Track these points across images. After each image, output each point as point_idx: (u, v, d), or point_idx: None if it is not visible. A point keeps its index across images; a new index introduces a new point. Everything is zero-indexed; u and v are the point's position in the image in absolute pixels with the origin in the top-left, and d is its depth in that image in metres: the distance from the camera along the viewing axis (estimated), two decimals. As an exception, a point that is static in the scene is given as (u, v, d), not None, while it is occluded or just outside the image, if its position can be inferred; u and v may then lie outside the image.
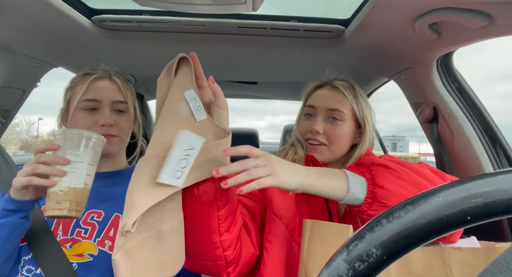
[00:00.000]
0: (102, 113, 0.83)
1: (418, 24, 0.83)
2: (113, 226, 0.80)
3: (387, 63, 1.20)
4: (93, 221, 0.79)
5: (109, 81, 0.86)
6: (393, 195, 0.59)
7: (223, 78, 1.71)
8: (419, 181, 0.62)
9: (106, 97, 0.84)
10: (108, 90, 0.85)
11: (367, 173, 0.65)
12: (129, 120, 0.88)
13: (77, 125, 0.82)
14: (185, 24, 1.00)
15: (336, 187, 0.63)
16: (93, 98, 0.83)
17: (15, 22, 0.93)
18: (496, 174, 0.25)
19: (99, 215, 0.80)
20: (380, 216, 0.27)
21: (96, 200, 0.81)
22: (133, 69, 1.50)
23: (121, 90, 0.86)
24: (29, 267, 0.74)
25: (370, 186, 0.62)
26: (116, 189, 0.85)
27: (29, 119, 45.00)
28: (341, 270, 0.26)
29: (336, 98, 0.84)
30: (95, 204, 0.81)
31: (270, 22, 1.00)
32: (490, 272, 0.21)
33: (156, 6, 0.81)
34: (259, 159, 0.60)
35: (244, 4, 0.75)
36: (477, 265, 0.54)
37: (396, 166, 0.64)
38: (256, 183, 0.57)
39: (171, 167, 0.58)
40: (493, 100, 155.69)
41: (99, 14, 0.99)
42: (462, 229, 0.26)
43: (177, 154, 0.58)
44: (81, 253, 0.75)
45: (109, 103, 0.84)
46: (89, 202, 0.77)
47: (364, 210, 0.62)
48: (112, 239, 0.78)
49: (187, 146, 0.59)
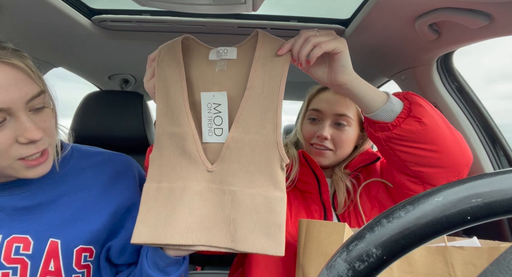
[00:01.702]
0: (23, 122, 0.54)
1: (418, 24, 0.83)
2: (52, 257, 0.59)
3: (387, 63, 1.20)
4: (20, 256, 0.58)
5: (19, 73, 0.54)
6: (427, 114, 0.61)
7: (223, 78, 1.71)
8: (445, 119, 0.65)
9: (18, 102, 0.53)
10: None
11: (403, 99, 0.66)
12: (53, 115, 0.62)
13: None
14: (185, 24, 1.00)
15: (377, 94, 0.63)
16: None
17: (15, 22, 0.93)
18: (496, 174, 0.25)
19: (26, 244, 0.58)
20: (380, 216, 0.27)
21: (13, 219, 0.59)
22: (133, 69, 1.50)
23: (34, 80, 0.56)
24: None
25: (407, 103, 0.63)
26: (43, 199, 0.61)
27: (29, 119, 44.92)
28: (341, 270, 0.26)
29: (342, 103, 0.83)
30: (12, 226, 0.58)
31: (270, 22, 1.00)
32: (490, 272, 0.21)
33: (156, 6, 0.80)
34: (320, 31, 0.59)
35: (244, 4, 0.75)
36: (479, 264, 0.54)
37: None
38: (319, 47, 0.56)
39: (208, 127, 0.60)
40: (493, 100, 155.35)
41: (99, 14, 0.99)
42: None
43: (208, 114, 0.60)
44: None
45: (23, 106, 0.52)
46: (5, 225, 0.58)
47: (396, 124, 0.62)
48: (55, 273, 0.59)
49: (213, 104, 0.60)
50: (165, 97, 0.61)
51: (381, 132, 0.64)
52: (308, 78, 0.96)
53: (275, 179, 0.57)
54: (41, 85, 0.57)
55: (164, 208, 0.57)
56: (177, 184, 0.58)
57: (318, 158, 0.83)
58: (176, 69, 0.62)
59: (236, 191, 0.57)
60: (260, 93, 0.58)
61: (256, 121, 0.58)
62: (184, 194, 0.57)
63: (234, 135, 0.58)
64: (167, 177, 0.59)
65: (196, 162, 0.59)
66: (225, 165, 0.58)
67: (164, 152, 0.60)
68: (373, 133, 0.66)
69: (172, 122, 0.60)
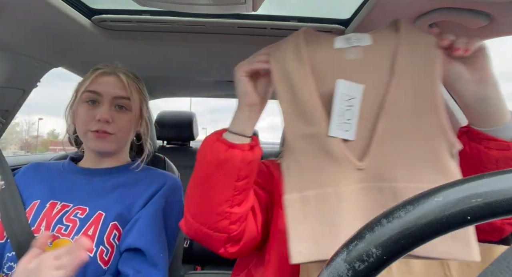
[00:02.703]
0: (101, 107, 0.82)
1: (418, 24, 0.83)
2: (94, 224, 0.77)
3: (387, 63, 1.20)
4: (75, 217, 0.78)
5: (114, 77, 0.86)
6: None
7: (223, 78, 1.71)
8: None
9: (107, 91, 0.83)
10: (111, 85, 0.84)
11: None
12: (130, 119, 0.85)
13: (78, 117, 0.83)
14: (185, 24, 1.00)
15: (504, 108, 0.57)
16: (94, 90, 0.83)
17: (15, 22, 0.93)
18: (496, 174, 0.25)
19: (83, 211, 0.79)
20: (380, 216, 0.27)
21: (85, 196, 0.81)
22: (133, 69, 1.49)
23: (124, 87, 0.84)
24: (10, 265, 0.73)
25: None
26: (107, 185, 0.84)
27: (29, 119, 45.06)
28: (341, 270, 0.26)
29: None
30: (83, 200, 0.80)
31: (270, 22, 1.00)
32: (490, 272, 0.21)
33: (156, 6, 0.81)
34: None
35: (244, 4, 0.75)
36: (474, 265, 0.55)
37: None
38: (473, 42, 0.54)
39: (337, 119, 0.54)
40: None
41: (99, 14, 0.99)
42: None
43: (339, 105, 0.54)
44: None
45: (109, 98, 0.83)
46: (78, 198, 0.81)
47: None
48: (90, 237, 0.75)
49: (346, 96, 0.55)
50: (291, 96, 0.56)
51: (498, 150, 0.57)
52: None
53: (445, 169, 0.50)
54: (129, 93, 0.84)
55: (320, 220, 0.51)
56: (326, 190, 0.52)
57: None
58: (298, 64, 0.57)
59: (399, 187, 0.50)
60: (411, 76, 0.53)
61: (411, 107, 0.52)
62: (340, 200, 0.51)
63: (385, 125, 0.52)
64: (311, 183, 0.53)
65: (341, 162, 0.53)
66: (378, 160, 0.52)
67: (300, 157, 0.55)
68: (485, 150, 0.58)
69: (304, 122, 0.56)
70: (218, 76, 1.66)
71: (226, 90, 2.08)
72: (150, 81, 1.77)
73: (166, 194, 0.86)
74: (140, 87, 0.91)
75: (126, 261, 0.78)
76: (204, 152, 0.61)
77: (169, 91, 2.16)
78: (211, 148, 0.60)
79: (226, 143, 0.59)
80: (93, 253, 0.74)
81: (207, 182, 0.61)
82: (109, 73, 0.86)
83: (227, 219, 0.61)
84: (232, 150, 0.59)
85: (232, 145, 0.59)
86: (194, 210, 0.63)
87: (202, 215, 0.62)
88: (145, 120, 0.92)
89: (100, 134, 0.81)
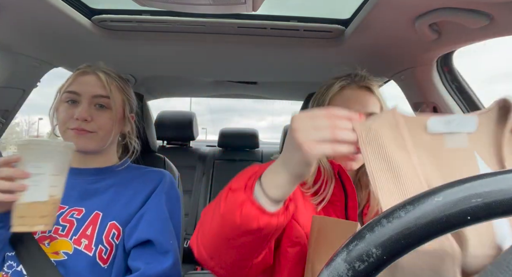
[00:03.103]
0: (79, 106, 0.81)
1: (418, 24, 0.83)
2: (92, 224, 0.78)
3: (387, 63, 1.20)
4: (72, 218, 0.78)
5: (93, 76, 0.85)
6: None
7: (223, 78, 1.72)
8: None
9: (86, 91, 0.82)
10: (89, 84, 0.84)
11: None
12: (111, 117, 0.84)
13: (59, 116, 0.83)
14: (185, 24, 1.00)
15: None
16: (73, 90, 0.83)
17: (15, 22, 0.93)
18: (496, 174, 0.25)
19: (79, 212, 0.79)
20: (380, 216, 0.27)
21: (80, 197, 0.81)
22: (133, 69, 1.50)
23: (103, 85, 0.84)
24: (10, 263, 0.74)
25: None
26: (100, 186, 0.84)
27: (29, 119, 45.06)
28: (341, 270, 0.26)
29: (372, 100, 0.76)
30: (78, 201, 0.81)
31: (270, 22, 1.00)
32: (490, 272, 0.21)
33: (156, 6, 0.81)
34: None
35: (244, 4, 0.75)
36: None
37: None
38: None
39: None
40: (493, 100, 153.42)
41: (99, 14, 0.99)
42: None
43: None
44: (57, 251, 0.75)
45: (88, 97, 0.82)
46: (72, 199, 0.81)
47: None
48: (89, 237, 0.76)
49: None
50: (394, 186, 0.46)
51: None
52: (308, 78, 0.96)
53: None
54: (108, 92, 0.83)
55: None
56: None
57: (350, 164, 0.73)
58: (404, 153, 0.47)
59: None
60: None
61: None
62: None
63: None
64: None
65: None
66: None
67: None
68: None
69: None
70: (218, 76, 1.66)
71: (226, 90, 2.09)
72: (150, 81, 1.77)
73: (164, 190, 0.88)
74: (122, 86, 0.89)
75: (136, 256, 0.79)
76: (232, 212, 0.49)
77: (169, 91, 2.16)
78: (240, 209, 0.48)
79: (260, 208, 0.48)
80: (92, 252, 0.75)
81: (234, 241, 0.52)
82: (89, 72, 0.85)
83: (248, 267, 0.58)
84: (267, 218, 0.48)
85: (266, 212, 0.48)
86: (215, 255, 0.56)
87: (222, 262, 0.56)
88: (127, 119, 0.91)
89: (79, 131, 0.80)
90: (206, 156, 2.15)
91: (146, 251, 0.79)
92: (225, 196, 0.52)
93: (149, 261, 0.78)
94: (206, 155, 2.16)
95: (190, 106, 24.15)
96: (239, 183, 0.51)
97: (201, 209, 1.92)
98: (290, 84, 1.88)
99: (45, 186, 0.63)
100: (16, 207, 0.62)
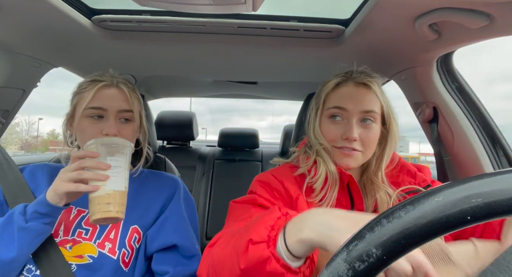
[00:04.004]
0: (107, 122, 0.81)
1: (418, 24, 0.83)
2: (114, 228, 0.80)
3: (387, 63, 1.20)
4: None
5: (116, 89, 0.85)
6: None
7: (223, 78, 1.72)
8: None
9: (112, 106, 0.82)
10: (114, 99, 0.83)
11: None
12: (133, 129, 0.86)
13: (83, 132, 0.81)
14: (185, 24, 1.00)
15: None
16: (99, 107, 0.81)
17: (15, 22, 0.93)
18: (496, 174, 0.25)
19: None
20: (380, 216, 0.27)
21: None
22: (133, 69, 1.50)
23: (127, 99, 0.85)
24: (29, 267, 0.74)
25: None
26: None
27: (29, 119, 45.08)
28: (341, 270, 0.26)
29: (368, 97, 0.75)
30: None
31: (270, 22, 1.00)
32: (490, 272, 0.21)
33: (156, 6, 0.81)
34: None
35: (244, 4, 0.75)
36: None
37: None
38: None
39: None
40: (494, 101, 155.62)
41: (99, 14, 0.99)
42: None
43: None
44: (81, 255, 0.76)
45: (114, 112, 0.82)
46: None
47: None
48: (112, 241, 0.78)
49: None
50: None
51: None
52: (308, 78, 0.96)
53: None
54: (132, 106, 0.85)
55: None
56: None
57: (346, 160, 0.74)
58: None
59: None
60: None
61: None
62: None
63: None
64: None
65: None
66: None
67: None
68: None
69: None
70: (218, 76, 1.66)
71: (226, 90, 2.09)
72: (150, 81, 1.77)
73: (182, 197, 0.91)
74: (138, 95, 0.91)
75: (162, 261, 0.82)
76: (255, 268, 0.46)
77: (169, 91, 2.16)
78: (264, 267, 0.45)
79: (285, 266, 0.45)
80: (116, 255, 0.77)
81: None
82: (110, 85, 0.85)
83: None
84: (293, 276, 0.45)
85: (292, 270, 0.45)
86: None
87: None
88: (143, 127, 0.93)
89: None
90: (206, 156, 2.15)
91: (172, 256, 0.82)
92: (245, 249, 0.47)
93: (177, 265, 0.81)
94: (206, 155, 2.16)
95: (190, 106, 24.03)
96: (260, 234, 0.47)
97: (201, 209, 1.92)
98: (290, 84, 1.88)
99: (123, 177, 0.70)
100: (100, 197, 0.67)
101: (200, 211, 1.90)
